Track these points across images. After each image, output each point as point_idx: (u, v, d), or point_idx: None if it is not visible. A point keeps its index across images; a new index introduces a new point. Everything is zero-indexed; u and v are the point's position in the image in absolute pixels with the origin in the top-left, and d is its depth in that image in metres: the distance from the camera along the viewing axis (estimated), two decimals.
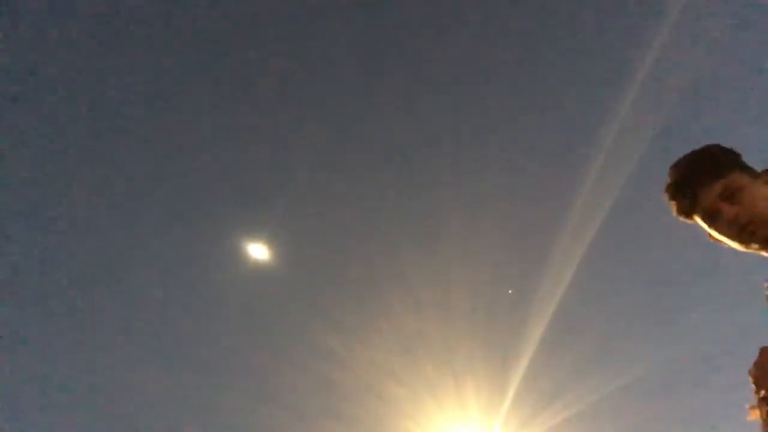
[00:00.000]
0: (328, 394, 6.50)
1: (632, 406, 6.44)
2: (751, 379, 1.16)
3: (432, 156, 5.94)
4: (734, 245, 1.27)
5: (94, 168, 5.48)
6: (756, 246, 1.24)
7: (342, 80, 5.60)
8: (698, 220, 1.30)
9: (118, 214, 5.73)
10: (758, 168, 1.35)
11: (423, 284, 6.13)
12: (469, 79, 5.67)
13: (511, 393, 6.28)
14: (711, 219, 1.27)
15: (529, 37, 5.57)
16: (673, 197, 1.31)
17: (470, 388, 6.29)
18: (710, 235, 1.31)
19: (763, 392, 1.15)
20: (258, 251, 5.97)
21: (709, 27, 5.01)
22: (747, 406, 1.19)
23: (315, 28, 5.43)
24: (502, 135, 5.84)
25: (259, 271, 6.07)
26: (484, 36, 5.55)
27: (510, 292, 6.26)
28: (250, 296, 6.32)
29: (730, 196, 1.25)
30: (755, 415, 1.17)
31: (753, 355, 1.20)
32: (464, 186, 5.95)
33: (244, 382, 6.61)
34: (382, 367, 6.26)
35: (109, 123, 5.35)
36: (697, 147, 1.33)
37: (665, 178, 1.38)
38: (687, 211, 1.30)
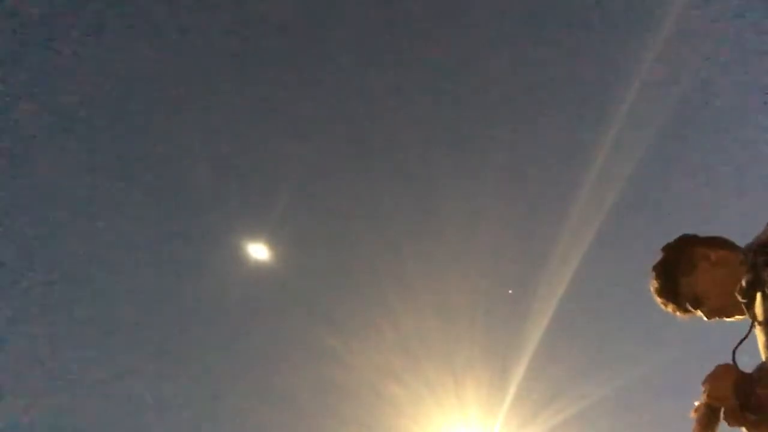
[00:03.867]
0: (327, 394, 6.50)
1: (632, 406, 6.44)
2: (703, 388, 1.38)
3: (432, 155, 5.94)
4: None
5: (91, 166, 5.48)
6: (737, 318, 1.50)
7: (342, 80, 5.60)
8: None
9: (116, 213, 5.73)
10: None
11: (423, 284, 6.13)
12: (469, 78, 5.67)
13: (511, 393, 6.28)
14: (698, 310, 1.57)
15: (530, 35, 5.56)
16: (663, 304, 1.61)
17: (470, 388, 6.29)
18: None
19: (707, 401, 1.37)
20: (258, 251, 5.97)
21: (710, 23, 5.01)
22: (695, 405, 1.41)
23: (315, 26, 5.43)
24: (502, 135, 5.83)
25: (259, 271, 6.08)
26: (485, 34, 5.55)
27: (510, 292, 6.26)
28: (250, 296, 6.33)
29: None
30: (693, 414, 1.40)
31: (755, 356, 1.37)
32: (464, 186, 5.95)
33: (244, 382, 6.62)
34: (382, 367, 6.26)
35: (107, 122, 5.35)
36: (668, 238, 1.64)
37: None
38: (682, 311, 1.59)
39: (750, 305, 1.38)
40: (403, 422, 6.40)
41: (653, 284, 1.61)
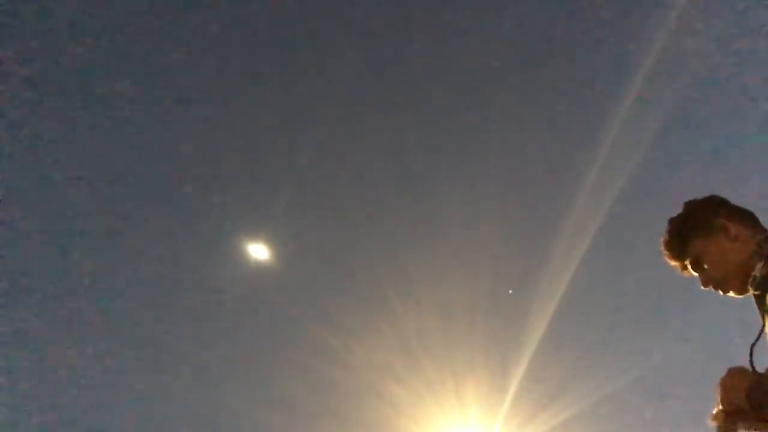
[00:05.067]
0: (328, 394, 6.50)
1: (632, 407, 6.44)
2: (717, 393, 1.34)
3: (432, 155, 5.94)
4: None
5: (91, 166, 5.48)
6: (730, 294, 1.50)
7: (342, 79, 5.59)
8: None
9: (117, 213, 5.73)
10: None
11: (423, 284, 6.14)
12: (469, 78, 5.67)
13: (511, 393, 6.28)
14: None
15: (530, 35, 5.56)
16: (667, 257, 1.59)
17: (470, 388, 6.28)
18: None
19: (722, 407, 1.32)
20: (258, 251, 5.97)
21: (711, 23, 5.01)
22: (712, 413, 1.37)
23: (315, 25, 5.43)
24: (503, 134, 5.83)
25: (259, 271, 6.08)
26: (484, 34, 5.55)
27: (510, 292, 6.26)
28: (250, 296, 6.33)
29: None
30: (712, 422, 1.36)
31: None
32: (464, 186, 5.95)
33: (244, 383, 6.62)
34: (382, 367, 6.26)
35: (107, 121, 5.35)
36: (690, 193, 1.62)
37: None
38: (682, 267, 1.58)
39: (762, 297, 1.35)
40: (403, 422, 6.40)
41: (664, 236, 1.58)
